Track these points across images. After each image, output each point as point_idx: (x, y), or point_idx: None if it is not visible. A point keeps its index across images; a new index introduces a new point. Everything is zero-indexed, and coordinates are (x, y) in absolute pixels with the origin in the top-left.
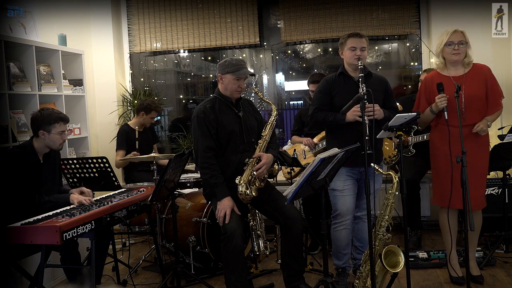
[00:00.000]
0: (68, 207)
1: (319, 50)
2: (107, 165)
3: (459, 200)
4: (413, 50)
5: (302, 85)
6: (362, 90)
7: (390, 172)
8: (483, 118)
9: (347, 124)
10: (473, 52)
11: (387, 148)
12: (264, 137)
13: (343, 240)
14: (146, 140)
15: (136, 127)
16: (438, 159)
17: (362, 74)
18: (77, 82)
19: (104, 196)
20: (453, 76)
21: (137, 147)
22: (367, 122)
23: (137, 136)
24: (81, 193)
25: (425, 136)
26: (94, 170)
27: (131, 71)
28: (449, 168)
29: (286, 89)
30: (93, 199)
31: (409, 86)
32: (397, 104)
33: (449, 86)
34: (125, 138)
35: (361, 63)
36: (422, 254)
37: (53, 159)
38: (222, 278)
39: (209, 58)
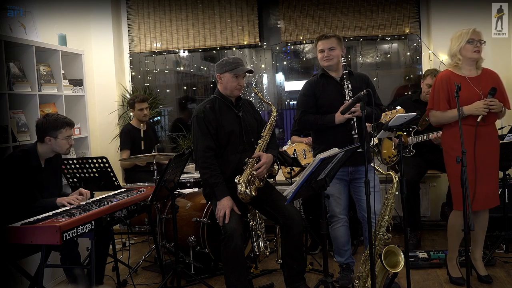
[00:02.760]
0: (68, 207)
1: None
2: (107, 165)
3: (482, 201)
4: (413, 50)
5: (302, 85)
6: (347, 86)
7: (390, 172)
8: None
9: (335, 125)
10: None
11: (387, 149)
12: (264, 137)
13: (342, 236)
14: (149, 140)
15: (141, 125)
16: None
17: (346, 71)
18: (77, 82)
19: (104, 196)
20: (468, 76)
21: (142, 147)
22: (355, 120)
23: (142, 135)
24: (80, 194)
25: (425, 136)
26: (94, 170)
27: (131, 71)
28: (471, 168)
29: (286, 89)
30: (90, 199)
31: (409, 86)
32: (398, 107)
33: (466, 86)
34: (128, 137)
35: (344, 59)
36: (422, 254)
37: (55, 163)
38: (222, 278)
39: (209, 58)
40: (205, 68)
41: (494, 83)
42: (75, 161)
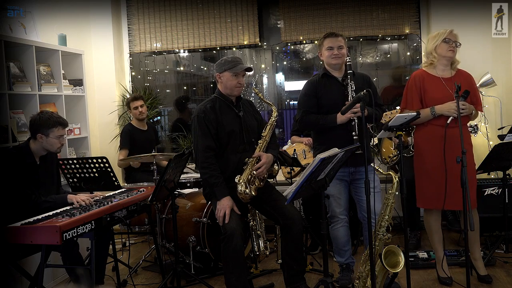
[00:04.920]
0: (68, 207)
1: (318, 50)
2: (107, 165)
3: (450, 201)
4: (413, 50)
5: (302, 85)
6: (351, 86)
7: (390, 172)
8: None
9: (336, 125)
10: (473, 52)
11: (389, 148)
12: (264, 137)
13: (342, 237)
14: (149, 140)
15: (140, 126)
16: (426, 159)
17: (350, 71)
18: (77, 82)
19: (104, 196)
20: (442, 77)
21: (142, 145)
22: (356, 121)
23: (143, 136)
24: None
25: None
26: (94, 170)
27: (131, 71)
28: (438, 169)
29: (286, 89)
30: (93, 199)
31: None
32: (398, 107)
33: (439, 86)
34: (128, 137)
35: (349, 59)
36: (422, 254)
37: (50, 161)
38: (222, 278)
39: (209, 58)
40: (205, 68)
41: (467, 84)
42: (75, 161)
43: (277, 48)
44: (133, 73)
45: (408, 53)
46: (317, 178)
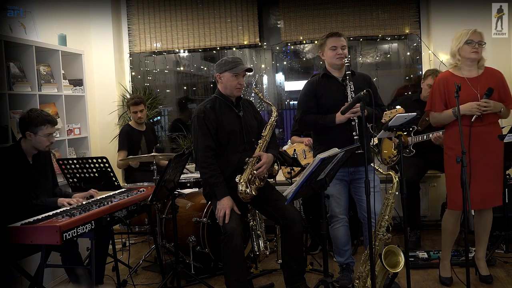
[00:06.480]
0: (68, 207)
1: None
2: (107, 165)
3: (475, 201)
4: (413, 50)
5: (302, 85)
6: (350, 86)
7: (390, 172)
8: (498, 117)
9: (336, 125)
10: None
11: (387, 149)
12: (264, 137)
13: (342, 237)
14: (148, 140)
15: (138, 127)
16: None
17: (349, 72)
18: (77, 82)
19: (104, 196)
20: (467, 77)
21: (141, 151)
22: (357, 121)
23: (141, 136)
24: (91, 196)
25: (425, 136)
26: (94, 170)
27: (131, 71)
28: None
29: (286, 89)
30: (90, 199)
31: (409, 86)
32: (398, 106)
33: (465, 87)
34: (126, 138)
35: (348, 60)
36: (422, 254)
37: (44, 159)
38: (222, 278)
39: (209, 58)
40: (205, 68)
41: (496, 82)
42: (75, 161)
43: (277, 48)
44: (133, 73)
45: (408, 53)
46: (317, 178)
